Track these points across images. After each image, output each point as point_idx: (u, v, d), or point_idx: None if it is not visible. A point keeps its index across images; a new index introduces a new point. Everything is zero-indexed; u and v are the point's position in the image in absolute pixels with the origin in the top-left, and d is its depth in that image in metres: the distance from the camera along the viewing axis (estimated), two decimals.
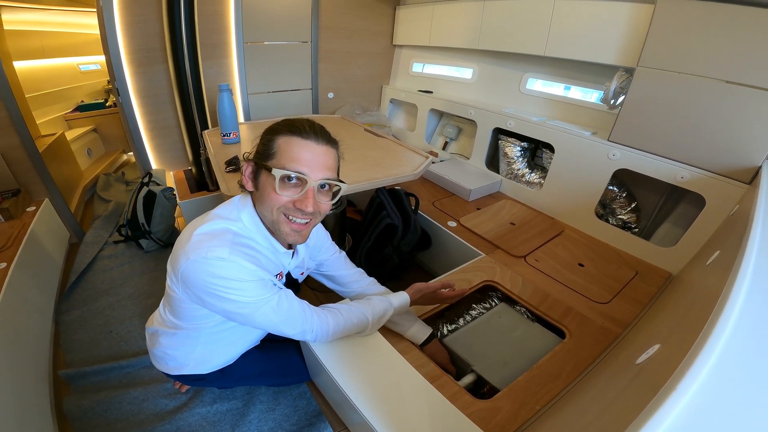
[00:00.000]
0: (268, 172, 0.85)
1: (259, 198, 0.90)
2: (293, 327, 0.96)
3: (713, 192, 1.41)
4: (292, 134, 0.85)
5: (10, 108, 1.82)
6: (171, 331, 1.07)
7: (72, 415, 1.29)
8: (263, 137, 0.89)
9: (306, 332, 0.98)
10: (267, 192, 0.87)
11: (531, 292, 1.38)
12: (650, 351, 0.57)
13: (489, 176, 2.25)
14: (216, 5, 2.17)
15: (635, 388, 0.49)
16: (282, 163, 0.84)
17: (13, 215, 1.82)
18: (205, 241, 0.83)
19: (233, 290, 0.83)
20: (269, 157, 0.86)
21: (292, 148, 0.84)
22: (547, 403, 0.98)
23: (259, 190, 0.89)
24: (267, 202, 0.88)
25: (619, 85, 1.64)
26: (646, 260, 1.60)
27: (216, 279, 0.82)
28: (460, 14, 2.35)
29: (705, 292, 0.71)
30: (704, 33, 1.34)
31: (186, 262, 0.82)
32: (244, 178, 0.91)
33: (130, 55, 2.05)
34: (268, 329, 0.96)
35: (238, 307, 0.86)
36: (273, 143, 0.86)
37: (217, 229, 0.87)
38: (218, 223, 0.88)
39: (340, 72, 2.84)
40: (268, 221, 0.91)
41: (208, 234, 0.85)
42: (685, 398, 0.35)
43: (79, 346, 1.56)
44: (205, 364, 1.14)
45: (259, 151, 0.89)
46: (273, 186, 0.85)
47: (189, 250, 0.82)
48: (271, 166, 0.84)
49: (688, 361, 0.39)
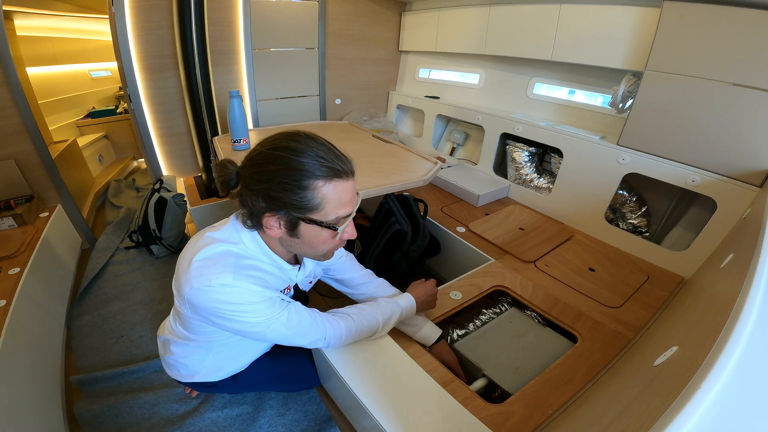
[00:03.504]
0: (318, 226, 0.82)
1: (299, 245, 0.87)
2: (306, 337, 0.96)
3: (724, 195, 1.40)
4: (332, 178, 0.79)
5: (24, 114, 1.85)
6: (182, 341, 1.06)
7: (83, 419, 1.29)
8: (292, 184, 0.76)
9: (319, 340, 0.98)
10: (318, 241, 0.85)
11: (542, 297, 1.38)
12: (668, 353, 0.57)
13: (497, 181, 2.25)
14: (225, 12, 2.20)
15: (655, 389, 0.48)
16: (332, 212, 0.81)
17: (27, 221, 1.85)
18: (207, 267, 0.81)
19: (242, 313, 0.83)
20: (312, 210, 0.79)
21: (341, 195, 0.81)
22: (560, 407, 0.97)
23: (300, 239, 0.85)
24: (318, 248, 0.87)
25: (627, 89, 1.63)
26: (658, 264, 1.58)
27: (223, 305, 0.81)
28: (466, 20, 2.36)
29: (721, 294, 0.71)
30: (711, 36, 1.33)
31: (190, 291, 0.81)
32: (268, 229, 0.83)
33: (141, 62, 2.08)
34: (282, 343, 0.95)
35: (248, 327, 0.85)
36: (312, 193, 0.77)
37: (217, 253, 0.84)
38: (217, 246, 0.85)
39: (347, 78, 2.86)
40: (309, 257, 0.92)
41: (208, 259, 0.82)
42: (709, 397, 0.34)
43: (91, 350, 1.57)
44: (216, 372, 1.15)
45: (292, 203, 0.78)
46: (327, 235, 0.84)
47: (191, 278, 0.81)
48: (320, 219, 0.81)
49: (711, 361, 0.38)
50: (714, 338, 0.45)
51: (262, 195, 0.79)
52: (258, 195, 0.79)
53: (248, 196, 0.81)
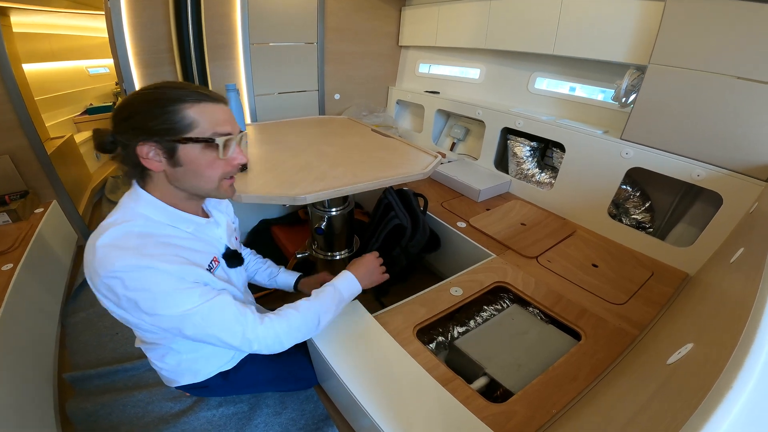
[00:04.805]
0: (199, 145, 0.78)
1: (185, 175, 0.81)
2: (229, 336, 0.83)
3: (730, 190, 1.37)
4: (199, 101, 0.78)
5: (19, 110, 1.83)
6: (149, 346, 0.99)
7: (76, 418, 1.27)
8: (156, 111, 0.75)
9: (246, 341, 0.85)
10: (202, 164, 0.80)
11: (544, 293, 1.35)
12: (682, 351, 0.54)
13: (498, 177, 2.22)
14: (222, 6, 2.17)
15: (673, 388, 0.46)
16: (207, 129, 0.79)
17: (21, 217, 1.82)
18: (110, 252, 0.73)
19: (152, 301, 0.75)
20: (185, 130, 0.77)
21: (213, 114, 0.80)
22: (564, 407, 0.95)
23: (184, 167, 0.80)
24: (205, 174, 0.82)
25: (630, 83, 1.60)
26: (662, 260, 1.56)
27: (131, 292, 0.73)
28: (467, 14, 2.33)
29: (734, 289, 0.68)
30: (716, 29, 1.31)
31: (98, 280, 0.73)
32: (146, 161, 0.78)
33: (137, 57, 2.05)
34: (200, 340, 0.83)
35: (164, 321, 0.78)
36: (181, 114, 0.76)
37: (117, 237, 0.75)
38: (115, 230, 0.76)
39: (346, 73, 2.82)
40: (204, 192, 0.85)
41: (110, 245, 0.74)
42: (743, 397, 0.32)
43: (85, 347, 1.55)
44: (198, 373, 1.08)
45: (162, 128, 0.75)
46: (210, 156, 0.81)
47: (97, 266, 0.73)
48: (195, 136, 0.78)
49: (738, 359, 0.36)
50: (733, 335, 0.42)
51: (131, 130, 0.76)
52: (128, 135, 0.76)
53: (122, 145, 0.78)
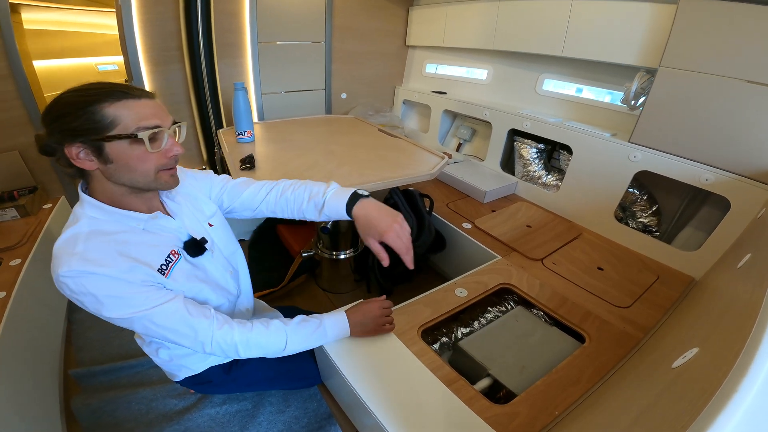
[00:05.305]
0: (125, 141, 0.77)
1: (118, 171, 0.80)
2: (180, 337, 0.84)
3: (738, 195, 1.36)
4: (120, 99, 0.77)
5: (29, 107, 1.85)
6: (143, 341, 1.01)
7: (81, 414, 1.28)
8: (78, 113, 0.74)
9: (198, 343, 0.86)
10: (132, 159, 0.79)
11: (549, 296, 1.35)
12: (688, 354, 0.54)
13: (504, 178, 2.22)
14: (232, 4, 2.18)
15: (678, 391, 0.46)
16: (131, 125, 0.77)
17: (30, 212, 1.84)
18: (59, 256, 0.75)
19: (97, 304, 0.76)
20: (108, 128, 0.76)
21: (136, 109, 0.78)
22: (567, 409, 0.94)
23: (115, 163, 0.79)
24: (138, 168, 0.81)
25: (640, 86, 1.59)
26: (668, 264, 1.55)
27: (77, 295, 0.75)
28: (475, 14, 2.33)
29: (740, 294, 0.68)
30: (727, 33, 1.30)
31: (55, 281, 0.75)
32: (78, 162, 0.77)
33: (147, 54, 2.06)
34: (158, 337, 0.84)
35: (111, 321, 0.79)
36: (101, 113, 0.75)
37: (65, 240, 0.77)
38: (65, 234, 0.78)
39: (353, 72, 2.83)
40: (143, 185, 0.84)
41: (59, 249, 0.76)
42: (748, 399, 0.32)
43: (91, 344, 1.56)
44: (194, 367, 1.09)
45: (85, 128, 0.75)
46: (139, 150, 0.79)
47: (52, 269, 0.75)
48: (118, 133, 0.76)
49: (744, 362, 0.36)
50: (740, 340, 0.42)
51: (58, 133, 0.76)
52: (57, 137, 0.76)
53: (54, 149, 0.78)
